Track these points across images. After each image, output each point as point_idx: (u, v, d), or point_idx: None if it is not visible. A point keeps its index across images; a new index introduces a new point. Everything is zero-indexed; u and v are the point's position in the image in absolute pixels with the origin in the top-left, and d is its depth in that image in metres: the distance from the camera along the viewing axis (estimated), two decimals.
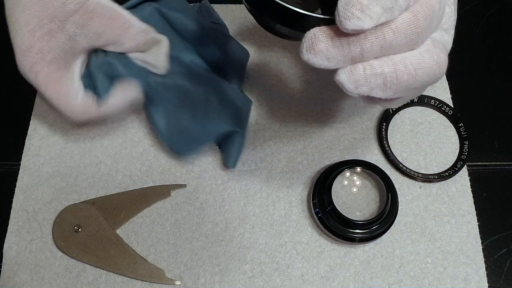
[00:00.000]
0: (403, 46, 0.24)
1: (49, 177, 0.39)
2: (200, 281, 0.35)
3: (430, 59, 0.25)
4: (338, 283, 0.35)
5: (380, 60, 0.24)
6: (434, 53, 0.25)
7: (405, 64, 0.24)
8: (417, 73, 0.24)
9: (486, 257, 0.36)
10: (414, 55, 0.24)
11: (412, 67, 0.24)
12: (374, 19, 0.22)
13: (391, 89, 0.24)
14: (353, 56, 0.23)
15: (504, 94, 0.43)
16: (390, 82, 0.24)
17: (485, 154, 0.40)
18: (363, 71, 0.24)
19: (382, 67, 0.24)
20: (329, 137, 0.40)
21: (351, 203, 0.37)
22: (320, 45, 0.23)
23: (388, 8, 0.22)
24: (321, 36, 0.23)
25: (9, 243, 0.36)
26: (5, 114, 0.43)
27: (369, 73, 0.24)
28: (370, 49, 0.23)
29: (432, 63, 0.25)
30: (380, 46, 0.23)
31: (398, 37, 0.23)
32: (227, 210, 0.37)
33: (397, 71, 0.24)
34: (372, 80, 0.24)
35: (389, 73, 0.24)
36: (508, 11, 0.48)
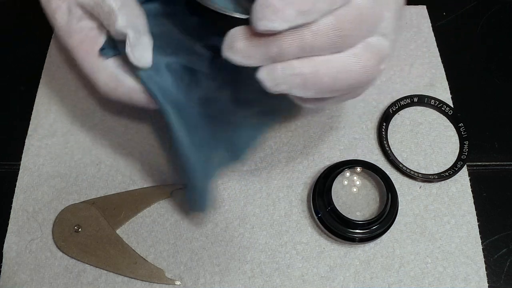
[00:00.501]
0: (325, 48, 0.24)
1: (49, 177, 0.39)
2: (200, 281, 0.35)
3: (355, 63, 0.25)
4: (338, 283, 0.35)
5: (301, 61, 0.24)
6: (363, 57, 0.25)
7: (327, 66, 0.24)
8: (339, 76, 0.24)
9: (486, 257, 0.36)
10: (339, 58, 0.24)
11: (334, 70, 0.24)
12: (288, 21, 0.22)
13: (311, 90, 0.25)
14: (272, 56, 0.24)
15: (504, 94, 0.43)
16: (310, 82, 0.24)
17: (485, 154, 0.40)
18: (281, 70, 0.24)
19: (302, 67, 0.24)
20: (329, 137, 0.40)
21: (351, 203, 0.37)
22: (239, 44, 0.24)
23: (303, 11, 0.22)
24: (240, 36, 0.24)
25: (9, 243, 0.36)
26: (5, 114, 0.43)
27: (288, 73, 0.24)
28: (288, 49, 0.24)
29: (358, 67, 0.25)
30: (299, 48, 0.24)
31: (318, 40, 0.23)
32: (227, 210, 0.37)
33: (317, 72, 0.24)
34: (291, 79, 0.24)
35: (308, 74, 0.24)
36: (508, 11, 0.48)
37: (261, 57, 0.24)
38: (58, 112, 0.42)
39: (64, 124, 0.41)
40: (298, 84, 0.25)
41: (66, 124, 0.41)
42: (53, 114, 0.42)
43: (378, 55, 0.25)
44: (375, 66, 0.25)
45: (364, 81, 0.26)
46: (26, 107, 0.42)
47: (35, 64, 0.45)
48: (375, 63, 0.25)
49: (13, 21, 0.49)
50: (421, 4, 0.48)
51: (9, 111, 0.43)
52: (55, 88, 0.43)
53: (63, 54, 0.45)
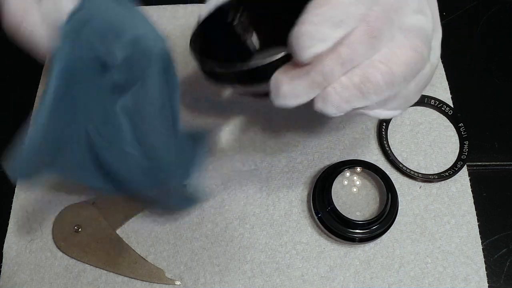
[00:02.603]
0: (364, 54, 0.24)
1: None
2: (200, 281, 0.35)
3: (402, 49, 0.24)
4: (338, 283, 0.35)
5: (348, 73, 0.24)
6: (405, 40, 0.24)
7: (373, 65, 0.24)
8: (391, 67, 0.24)
9: (486, 257, 0.36)
10: (382, 52, 0.24)
11: (383, 66, 0.24)
12: (327, 39, 0.22)
13: (371, 94, 0.24)
14: (319, 83, 0.24)
15: (504, 94, 0.43)
16: (365, 88, 0.24)
17: (485, 154, 0.40)
18: (334, 92, 0.24)
19: (351, 79, 0.24)
20: (329, 137, 0.40)
21: (351, 203, 0.37)
22: (284, 88, 0.24)
23: (337, 23, 0.22)
24: (282, 79, 0.24)
25: (9, 243, 0.36)
26: (5, 114, 0.43)
27: (341, 91, 0.24)
28: (331, 71, 0.24)
29: (407, 51, 0.24)
30: (340, 65, 0.24)
31: (354, 50, 0.23)
32: (227, 210, 0.37)
33: (367, 75, 0.24)
34: (347, 95, 0.24)
35: (360, 81, 0.24)
36: (508, 11, 0.48)
37: (310, 89, 0.24)
38: None
39: None
40: (356, 96, 0.24)
41: None
42: None
43: (421, 33, 0.25)
44: (422, 44, 0.25)
45: (422, 63, 0.25)
46: (26, 107, 0.42)
47: (35, 64, 0.45)
48: (420, 41, 0.25)
49: None
50: None
51: (9, 111, 0.43)
52: None
53: None
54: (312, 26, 0.22)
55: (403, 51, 0.24)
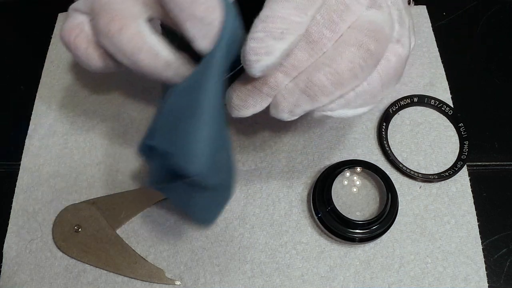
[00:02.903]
0: (306, 59, 0.24)
1: (49, 177, 0.39)
2: (200, 281, 0.35)
3: (344, 46, 0.24)
4: (338, 283, 0.35)
5: (296, 78, 0.25)
6: (348, 39, 0.24)
7: (317, 68, 0.24)
8: (334, 67, 0.24)
9: (486, 257, 0.36)
10: (326, 55, 0.24)
11: (325, 65, 0.24)
12: (272, 51, 0.23)
13: (319, 96, 0.25)
14: (267, 93, 0.25)
15: (504, 94, 0.43)
16: (311, 91, 0.25)
17: (485, 154, 0.40)
18: (283, 99, 0.25)
19: (297, 84, 0.25)
20: (329, 137, 0.40)
21: (351, 203, 0.37)
22: (235, 101, 0.26)
23: (280, 35, 0.23)
24: (233, 93, 0.26)
25: (9, 243, 0.36)
26: (5, 114, 0.43)
27: (288, 97, 0.25)
28: (275, 80, 0.25)
29: (349, 48, 0.24)
30: (283, 73, 0.24)
31: (294, 57, 0.24)
32: (227, 210, 0.37)
33: (311, 78, 0.24)
34: (295, 100, 0.25)
35: (305, 86, 0.25)
36: (508, 11, 0.48)
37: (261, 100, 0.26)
38: (58, 112, 0.42)
39: (64, 124, 0.41)
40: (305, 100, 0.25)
41: (66, 124, 0.41)
42: (53, 114, 0.42)
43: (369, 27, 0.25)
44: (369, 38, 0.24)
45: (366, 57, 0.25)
46: (26, 107, 0.42)
47: (35, 64, 0.45)
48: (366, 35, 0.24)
49: (13, 21, 0.49)
50: (421, 4, 0.48)
51: (9, 111, 0.43)
52: (55, 88, 0.43)
53: (63, 54, 0.45)
54: (256, 42, 0.23)
55: (346, 48, 0.24)
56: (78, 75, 0.44)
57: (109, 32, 0.24)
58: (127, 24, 0.24)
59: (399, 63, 0.27)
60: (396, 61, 0.27)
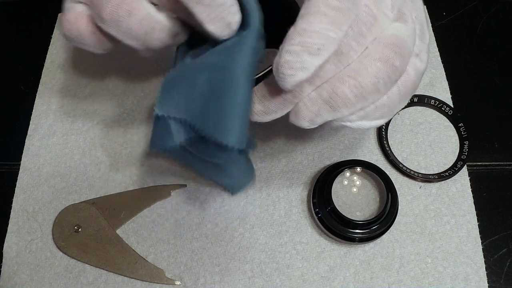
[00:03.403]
0: (332, 70, 0.24)
1: (49, 177, 0.39)
2: (200, 281, 0.35)
3: (370, 61, 0.24)
4: (338, 283, 0.35)
5: (319, 88, 0.25)
6: (374, 53, 0.24)
7: (341, 79, 0.24)
8: (359, 80, 0.24)
9: (486, 257, 0.36)
10: (351, 66, 0.24)
11: (350, 78, 0.24)
12: (308, 67, 0.23)
13: (341, 107, 0.25)
14: (290, 101, 0.25)
15: (504, 94, 0.43)
16: (334, 102, 0.25)
17: (485, 154, 0.40)
18: (304, 108, 0.25)
19: (320, 94, 0.25)
20: (329, 137, 0.40)
21: (351, 203, 0.37)
22: (257, 106, 0.26)
23: (316, 50, 0.22)
24: (255, 99, 0.26)
25: (9, 243, 0.36)
26: (5, 114, 0.43)
27: (310, 106, 0.25)
28: (300, 89, 0.25)
29: (375, 63, 0.24)
30: (308, 82, 0.24)
31: (321, 67, 0.24)
32: (227, 210, 0.37)
33: (335, 90, 0.24)
34: (317, 109, 0.25)
35: (328, 95, 0.25)
36: (508, 11, 0.48)
37: (282, 106, 0.26)
38: (58, 112, 0.42)
39: (64, 124, 0.41)
40: (327, 110, 0.25)
41: (66, 124, 0.41)
42: (53, 114, 0.42)
43: (394, 41, 0.25)
44: (392, 53, 0.24)
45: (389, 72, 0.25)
46: (26, 107, 0.42)
47: (35, 64, 0.45)
48: (391, 50, 0.24)
49: (13, 21, 0.49)
50: None
51: (9, 111, 0.43)
52: (55, 88, 0.43)
53: (63, 54, 0.45)
54: (291, 56, 0.23)
55: (372, 62, 0.24)
56: (78, 75, 0.44)
57: (118, 18, 0.24)
58: (135, 8, 0.24)
59: (417, 77, 0.27)
60: (415, 75, 0.27)
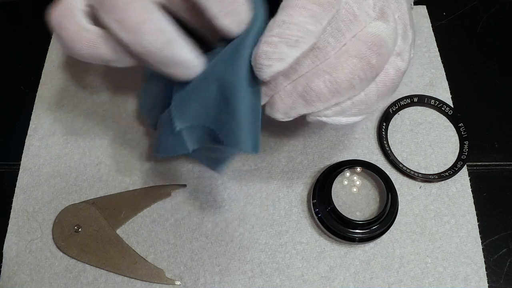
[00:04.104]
0: (308, 64, 0.24)
1: (49, 177, 0.39)
2: (200, 281, 0.35)
3: (346, 57, 0.24)
4: (338, 283, 0.35)
5: (294, 82, 0.25)
6: (351, 49, 0.24)
7: (317, 74, 0.24)
8: (334, 76, 0.24)
9: (486, 257, 0.36)
10: (328, 61, 0.24)
11: (325, 73, 0.24)
12: (285, 58, 0.23)
13: (315, 101, 0.25)
14: (265, 92, 0.25)
15: (504, 94, 0.43)
16: (308, 96, 0.25)
17: (485, 154, 0.40)
18: (280, 100, 0.25)
19: (295, 88, 0.25)
20: (329, 137, 0.40)
21: (351, 203, 0.37)
22: None
23: (294, 43, 0.23)
24: None
25: (9, 243, 0.36)
26: (5, 114, 0.43)
27: (285, 99, 0.25)
28: (275, 81, 0.25)
29: (351, 59, 0.24)
30: (284, 76, 0.24)
31: (298, 61, 0.24)
32: (227, 210, 0.37)
33: (310, 84, 0.24)
34: (292, 102, 0.25)
35: (303, 90, 0.25)
36: (508, 11, 0.48)
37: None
38: (58, 112, 0.42)
39: (64, 124, 0.41)
40: (301, 103, 0.25)
41: (66, 124, 0.41)
42: (53, 114, 0.42)
43: (373, 39, 0.25)
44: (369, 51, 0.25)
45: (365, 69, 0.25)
46: (26, 107, 0.42)
47: (35, 64, 0.45)
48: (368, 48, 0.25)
49: (13, 21, 0.49)
50: (421, 4, 0.48)
51: (9, 111, 0.43)
52: (55, 88, 0.43)
53: (63, 54, 0.45)
54: (269, 46, 0.23)
55: (348, 59, 0.24)
56: (79, 75, 0.44)
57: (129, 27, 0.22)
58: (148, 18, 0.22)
59: (397, 76, 0.27)
60: (395, 74, 0.27)
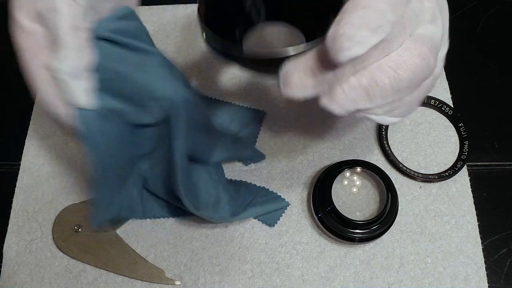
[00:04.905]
0: (375, 56, 0.24)
1: (49, 177, 0.39)
2: (200, 281, 0.35)
3: (410, 55, 0.24)
4: (338, 283, 0.35)
5: (357, 74, 0.24)
6: (414, 48, 0.24)
7: (382, 69, 0.24)
8: (399, 73, 0.24)
9: (486, 257, 0.36)
10: (391, 57, 0.24)
11: (390, 70, 0.24)
12: (365, 42, 0.22)
13: (377, 97, 0.24)
14: (329, 80, 0.24)
15: (504, 94, 0.43)
16: (372, 91, 0.24)
17: (485, 154, 0.40)
18: (341, 92, 0.24)
19: (359, 80, 0.24)
20: (329, 137, 0.40)
21: (351, 203, 0.37)
22: (294, 79, 0.24)
23: (376, 28, 0.22)
24: (293, 70, 0.24)
25: (9, 243, 0.36)
26: (5, 114, 0.43)
27: (348, 92, 0.24)
28: (343, 70, 0.24)
29: (413, 57, 0.24)
30: (352, 65, 0.24)
31: (367, 51, 0.23)
32: None
33: (375, 78, 0.24)
34: (354, 95, 0.24)
35: (368, 83, 0.24)
36: (508, 11, 0.48)
37: (318, 85, 0.24)
38: None
39: None
40: (363, 97, 0.24)
41: None
42: None
43: (430, 42, 0.25)
44: (430, 52, 0.25)
45: (427, 70, 0.25)
46: (26, 107, 0.42)
47: None
48: (429, 50, 0.25)
49: None
50: None
51: (9, 111, 0.43)
52: None
53: None
54: (352, 28, 0.22)
55: (411, 58, 0.24)
56: None
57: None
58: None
59: (433, 81, 0.28)
60: (432, 80, 0.27)
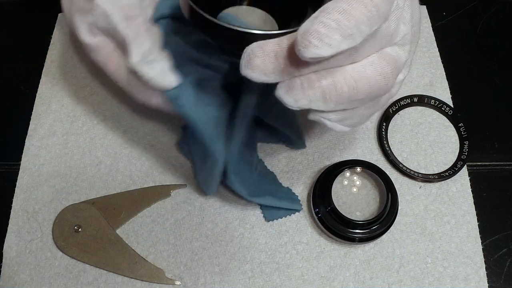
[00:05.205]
0: (340, 60, 0.24)
1: (49, 177, 0.39)
2: (200, 281, 0.35)
3: (373, 71, 0.25)
4: (338, 283, 0.35)
5: (319, 73, 0.24)
6: (378, 65, 0.25)
7: (344, 76, 0.24)
8: (358, 84, 0.24)
9: (486, 257, 0.36)
10: (355, 67, 0.24)
11: (352, 79, 0.24)
12: (333, 46, 0.22)
13: (332, 101, 0.25)
14: (291, 71, 0.24)
15: (504, 94, 0.43)
16: (329, 94, 0.24)
17: (485, 154, 0.40)
18: (300, 85, 0.24)
19: (320, 80, 0.24)
20: (329, 137, 0.40)
21: (351, 203, 0.37)
22: (257, 61, 0.24)
23: (347, 36, 0.22)
24: (258, 52, 0.24)
25: (9, 243, 0.36)
26: (5, 114, 0.43)
27: (307, 87, 0.24)
28: (307, 65, 0.24)
29: (375, 74, 0.25)
30: (316, 63, 0.24)
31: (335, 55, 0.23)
32: (227, 210, 0.37)
33: (335, 83, 0.24)
34: (311, 93, 0.24)
35: (327, 86, 0.24)
36: (508, 11, 0.48)
37: (279, 73, 0.24)
38: (58, 112, 0.42)
39: (64, 124, 0.41)
40: (318, 97, 0.24)
41: (66, 124, 0.41)
42: (53, 114, 0.42)
43: (394, 64, 0.26)
44: (391, 73, 0.25)
45: (384, 88, 0.26)
46: (26, 107, 0.42)
47: (35, 64, 0.45)
48: (391, 70, 0.25)
49: (13, 21, 0.49)
50: (421, 4, 0.47)
51: (9, 111, 0.43)
52: (55, 88, 0.43)
53: (63, 54, 0.45)
54: (325, 29, 0.22)
55: (373, 73, 0.25)
56: (79, 75, 0.44)
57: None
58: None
59: (386, 101, 0.30)
60: (386, 98, 0.29)
